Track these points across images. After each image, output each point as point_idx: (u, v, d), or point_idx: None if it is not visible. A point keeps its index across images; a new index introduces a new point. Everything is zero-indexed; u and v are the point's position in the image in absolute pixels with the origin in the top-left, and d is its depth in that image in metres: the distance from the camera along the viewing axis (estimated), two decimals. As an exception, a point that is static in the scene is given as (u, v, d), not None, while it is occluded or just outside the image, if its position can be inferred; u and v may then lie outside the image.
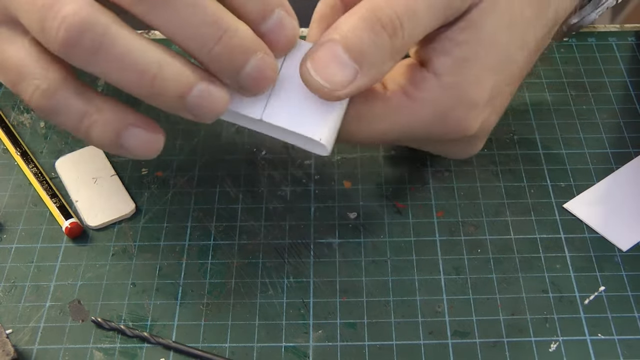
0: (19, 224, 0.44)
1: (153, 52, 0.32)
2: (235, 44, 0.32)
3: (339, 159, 0.48)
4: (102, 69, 0.32)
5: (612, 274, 0.42)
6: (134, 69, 0.32)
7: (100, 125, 0.34)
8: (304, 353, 0.39)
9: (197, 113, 0.33)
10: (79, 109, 0.34)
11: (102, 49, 0.31)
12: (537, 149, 0.48)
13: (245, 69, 0.33)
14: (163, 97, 0.33)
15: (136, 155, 0.35)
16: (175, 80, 0.32)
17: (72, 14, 0.31)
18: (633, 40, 0.55)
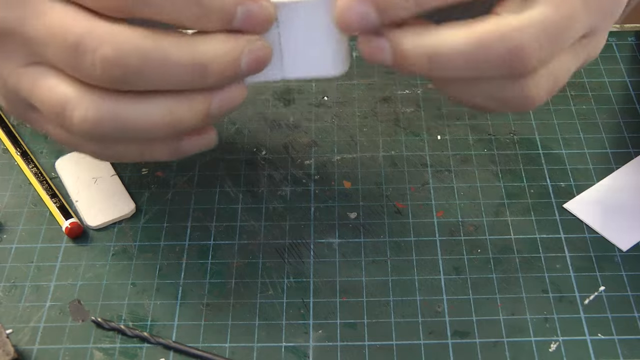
0: (19, 224, 0.44)
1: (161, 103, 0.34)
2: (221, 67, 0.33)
3: (339, 159, 0.48)
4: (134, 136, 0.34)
5: (612, 274, 0.42)
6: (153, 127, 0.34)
7: (158, 152, 0.36)
8: (304, 353, 0.39)
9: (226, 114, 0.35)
10: (135, 151, 0.36)
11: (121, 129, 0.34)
12: (537, 149, 0.48)
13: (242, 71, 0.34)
14: (190, 127, 0.35)
15: (200, 151, 0.37)
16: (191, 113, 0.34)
17: (84, 120, 0.33)
18: (633, 40, 0.55)
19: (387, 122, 0.50)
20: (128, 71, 0.33)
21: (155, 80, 0.33)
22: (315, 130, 0.49)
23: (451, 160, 0.47)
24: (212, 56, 0.33)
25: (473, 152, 0.48)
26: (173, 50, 0.33)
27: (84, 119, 0.34)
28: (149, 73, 0.33)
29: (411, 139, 0.49)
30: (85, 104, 0.33)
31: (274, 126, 0.50)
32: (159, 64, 0.33)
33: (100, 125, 0.34)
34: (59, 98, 0.34)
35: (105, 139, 0.35)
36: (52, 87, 0.34)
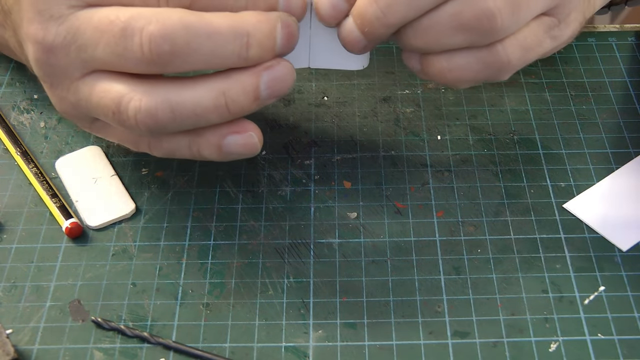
0: (19, 224, 0.44)
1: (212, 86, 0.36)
2: (261, 36, 0.35)
3: (339, 159, 0.48)
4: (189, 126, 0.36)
5: (612, 274, 0.42)
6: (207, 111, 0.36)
7: (205, 147, 0.38)
8: (304, 353, 0.39)
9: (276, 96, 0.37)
10: (184, 144, 0.38)
11: (176, 116, 0.35)
12: (537, 149, 0.48)
13: (278, 44, 0.36)
14: (243, 110, 0.37)
15: (244, 155, 0.38)
16: (242, 94, 0.36)
17: (138, 112, 0.35)
18: (633, 40, 0.55)
19: (387, 122, 0.50)
20: (176, 46, 0.34)
21: (202, 55, 0.34)
22: (315, 130, 0.49)
23: (451, 160, 0.47)
24: (252, 26, 0.35)
25: (473, 152, 0.48)
26: (215, 21, 0.34)
27: (138, 110, 0.35)
28: (195, 46, 0.34)
29: (411, 139, 0.49)
30: (138, 95, 0.35)
31: (274, 126, 0.50)
32: (204, 36, 0.34)
33: (156, 114, 0.35)
34: (113, 97, 0.36)
35: (163, 128, 0.36)
36: (106, 89, 0.36)
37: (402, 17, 0.37)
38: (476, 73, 0.39)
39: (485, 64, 0.39)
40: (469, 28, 0.37)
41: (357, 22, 0.37)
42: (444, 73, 0.39)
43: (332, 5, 0.38)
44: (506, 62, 0.38)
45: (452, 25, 0.37)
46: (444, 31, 0.37)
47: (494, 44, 0.38)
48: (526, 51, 0.39)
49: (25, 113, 0.51)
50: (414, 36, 0.38)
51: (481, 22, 0.36)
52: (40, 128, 0.50)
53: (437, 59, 0.39)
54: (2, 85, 0.52)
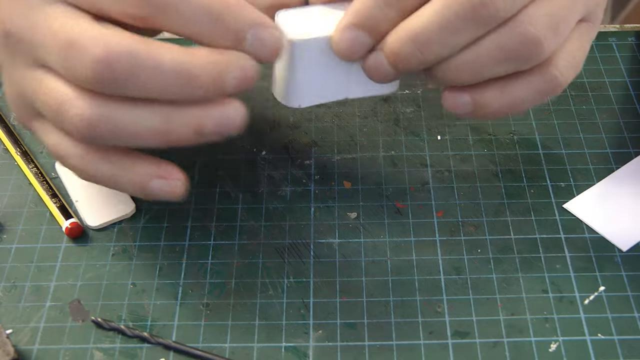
0: (19, 224, 0.44)
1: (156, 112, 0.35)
2: (206, 79, 0.34)
3: (339, 159, 0.48)
4: (124, 144, 0.36)
5: (612, 274, 0.42)
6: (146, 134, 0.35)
7: (128, 184, 0.37)
8: (304, 353, 0.39)
9: (221, 135, 0.36)
10: (109, 174, 0.37)
11: (114, 132, 0.35)
12: (537, 149, 0.48)
13: (228, 87, 0.35)
14: (182, 140, 0.36)
15: (166, 199, 0.37)
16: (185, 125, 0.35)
17: (79, 119, 0.34)
18: (633, 40, 0.55)
19: (387, 122, 0.50)
20: (116, 73, 0.33)
21: (144, 86, 0.34)
22: (315, 130, 0.49)
23: (451, 160, 0.47)
24: (200, 68, 0.34)
25: (473, 152, 0.48)
26: (163, 56, 0.34)
27: (80, 118, 0.34)
28: (138, 78, 0.33)
29: (411, 139, 0.49)
30: (82, 104, 0.34)
31: (274, 126, 0.50)
32: (149, 69, 0.33)
33: (96, 126, 0.34)
34: (57, 97, 0.35)
35: (99, 140, 0.35)
36: (53, 87, 0.35)
37: (440, 54, 0.36)
38: (536, 99, 0.38)
39: (543, 89, 0.38)
40: (515, 57, 0.36)
41: (389, 58, 0.37)
42: (503, 110, 0.38)
43: (351, 40, 0.37)
44: (562, 80, 0.38)
45: (496, 57, 0.36)
46: (489, 62, 0.36)
47: (547, 67, 0.38)
48: (575, 63, 0.39)
49: (25, 113, 0.51)
50: (455, 70, 0.37)
51: (528, 49, 0.36)
52: (40, 128, 0.50)
53: (494, 99, 0.38)
54: (2, 85, 0.52)
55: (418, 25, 0.36)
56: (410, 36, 0.36)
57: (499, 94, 0.38)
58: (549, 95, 0.39)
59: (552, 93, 0.39)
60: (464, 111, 0.39)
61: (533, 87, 0.38)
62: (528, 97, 0.38)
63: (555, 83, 0.38)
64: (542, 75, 0.38)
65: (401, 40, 0.36)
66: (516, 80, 0.38)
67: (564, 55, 0.38)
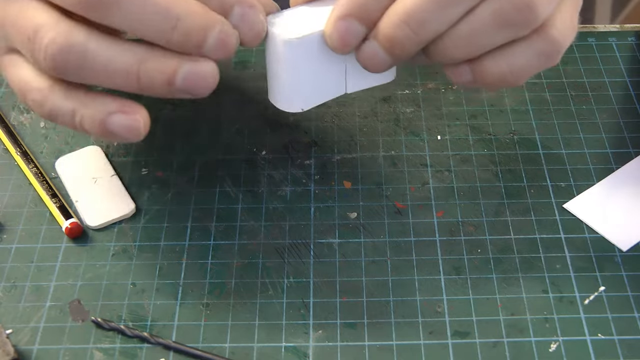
0: (19, 224, 0.44)
1: (132, 52, 0.35)
2: (190, 26, 0.34)
3: (339, 159, 0.48)
4: (92, 80, 0.35)
5: (612, 274, 0.42)
6: (118, 73, 0.35)
7: (88, 119, 0.36)
8: (304, 353, 0.39)
9: (190, 92, 0.36)
10: (68, 109, 0.36)
11: (86, 64, 0.35)
12: (537, 149, 0.48)
13: (207, 44, 0.35)
14: (153, 88, 0.35)
15: (125, 139, 0.37)
16: (157, 71, 0.35)
17: (51, 43, 0.34)
18: (633, 40, 0.55)
19: (387, 122, 0.50)
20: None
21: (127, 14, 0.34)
22: (315, 130, 0.49)
23: (451, 160, 0.47)
24: (187, 14, 0.34)
25: (473, 152, 0.48)
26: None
27: (52, 41, 0.34)
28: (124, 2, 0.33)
29: (411, 139, 0.49)
30: (58, 29, 0.35)
31: (274, 126, 0.50)
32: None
33: (68, 53, 0.34)
34: (35, 22, 0.35)
35: (67, 71, 0.35)
36: (32, 14, 0.36)
37: (435, 31, 0.36)
38: (536, 65, 0.38)
39: (543, 51, 0.37)
40: (512, 23, 0.36)
41: (384, 45, 0.36)
42: (505, 77, 0.38)
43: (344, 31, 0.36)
44: (561, 41, 0.37)
45: (494, 24, 0.36)
46: (485, 32, 0.36)
47: (545, 29, 0.37)
48: (572, 25, 0.38)
49: (25, 113, 0.51)
50: (453, 46, 0.36)
51: (522, 14, 0.35)
52: (40, 128, 0.50)
53: (494, 65, 0.37)
54: (2, 85, 0.52)
55: (409, 5, 0.35)
56: (403, 18, 0.35)
57: (497, 59, 0.37)
58: (549, 59, 0.38)
59: (552, 56, 0.38)
60: (466, 79, 0.38)
61: (532, 50, 0.37)
62: (529, 62, 0.37)
63: (555, 44, 0.37)
64: (541, 37, 0.37)
65: (394, 23, 0.36)
66: (514, 44, 0.37)
67: (560, 17, 0.37)
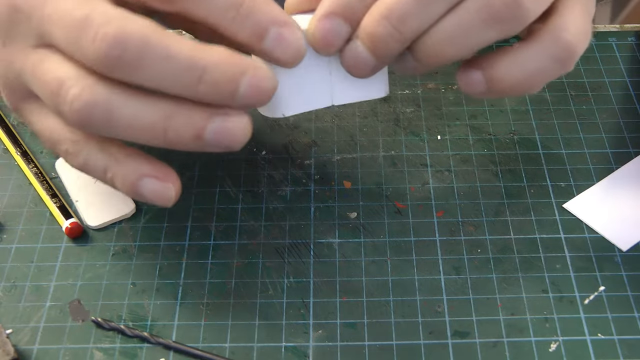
0: (19, 224, 0.44)
1: (158, 106, 0.34)
2: (218, 77, 0.33)
3: (339, 159, 0.48)
4: (118, 135, 0.34)
5: (612, 274, 0.42)
6: (144, 129, 0.34)
7: (120, 178, 0.36)
8: (304, 353, 0.39)
9: (221, 146, 0.34)
10: (102, 165, 0.36)
11: (111, 120, 0.33)
12: (537, 149, 0.48)
13: (239, 93, 0.33)
14: (180, 143, 0.34)
15: (153, 203, 0.36)
16: (185, 126, 0.34)
17: (76, 99, 0.33)
18: (633, 40, 0.55)
19: (387, 122, 0.50)
20: (126, 54, 0.32)
21: (151, 73, 0.33)
22: (315, 130, 0.49)
23: (451, 160, 0.47)
24: (213, 64, 0.33)
25: (473, 152, 0.48)
26: (175, 45, 0.33)
27: (77, 98, 0.33)
28: (146, 62, 0.32)
29: (411, 139, 0.49)
30: (82, 84, 0.33)
31: (274, 126, 0.50)
32: (159, 55, 0.32)
33: (92, 109, 0.33)
34: (58, 76, 0.34)
35: (93, 127, 0.34)
36: (55, 67, 0.35)
37: (418, 27, 0.35)
38: (551, 71, 0.37)
39: (557, 58, 0.37)
40: (500, 18, 0.34)
41: (366, 44, 0.35)
42: (519, 84, 0.37)
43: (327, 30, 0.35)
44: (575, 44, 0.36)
45: (481, 20, 0.35)
46: (472, 28, 0.35)
47: (558, 32, 0.36)
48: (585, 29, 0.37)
49: (25, 113, 0.51)
50: (440, 43, 0.35)
51: (510, 8, 0.34)
52: (40, 128, 0.50)
53: (506, 72, 0.36)
54: (2, 85, 0.52)
55: (390, 1, 0.34)
56: (384, 14, 0.34)
57: (511, 65, 0.36)
58: (563, 65, 0.37)
59: (566, 61, 0.37)
60: (480, 89, 0.37)
61: (546, 55, 0.36)
62: (542, 68, 0.37)
63: (569, 49, 0.36)
64: (554, 41, 0.36)
65: (375, 20, 0.35)
66: (527, 49, 0.36)
67: (574, 21, 0.36)
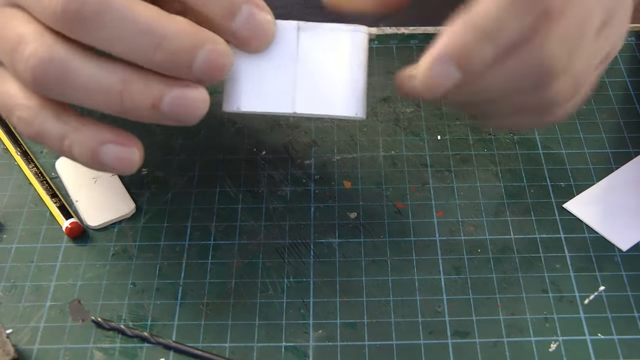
0: (19, 224, 0.44)
1: (116, 71, 0.33)
2: (176, 46, 0.32)
3: (339, 159, 0.48)
4: (72, 98, 0.33)
5: (612, 274, 0.42)
6: (99, 92, 0.33)
7: (78, 145, 0.34)
8: (304, 353, 0.39)
9: (177, 119, 0.33)
10: (58, 132, 0.34)
11: (67, 80, 0.33)
12: (537, 149, 0.48)
13: (196, 64, 0.32)
14: (136, 111, 0.33)
15: (115, 170, 0.35)
16: (142, 93, 0.33)
17: (33, 55, 0.32)
18: (633, 40, 0.55)
19: (387, 122, 0.50)
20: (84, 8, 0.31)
21: (110, 33, 0.32)
22: (315, 130, 0.49)
23: (451, 160, 0.47)
24: (173, 32, 0.32)
25: (473, 152, 0.48)
26: (137, 8, 0.32)
27: (33, 54, 0.32)
28: (105, 17, 0.31)
29: (411, 139, 0.49)
30: (41, 41, 0.33)
31: (274, 126, 0.50)
32: (118, 14, 0.31)
33: (48, 67, 0.32)
34: (19, 33, 0.34)
35: (47, 86, 0.33)
36: (17, 24, 0.34)
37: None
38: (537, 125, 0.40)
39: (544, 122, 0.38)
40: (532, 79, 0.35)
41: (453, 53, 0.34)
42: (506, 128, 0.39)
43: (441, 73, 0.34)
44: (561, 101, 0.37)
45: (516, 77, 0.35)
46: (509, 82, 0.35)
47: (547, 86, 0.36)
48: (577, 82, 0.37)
49: (25, 113, 0.51)
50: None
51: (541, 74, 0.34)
52: (40, 128, 0.50)
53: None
54: (2, 85, 0.52)
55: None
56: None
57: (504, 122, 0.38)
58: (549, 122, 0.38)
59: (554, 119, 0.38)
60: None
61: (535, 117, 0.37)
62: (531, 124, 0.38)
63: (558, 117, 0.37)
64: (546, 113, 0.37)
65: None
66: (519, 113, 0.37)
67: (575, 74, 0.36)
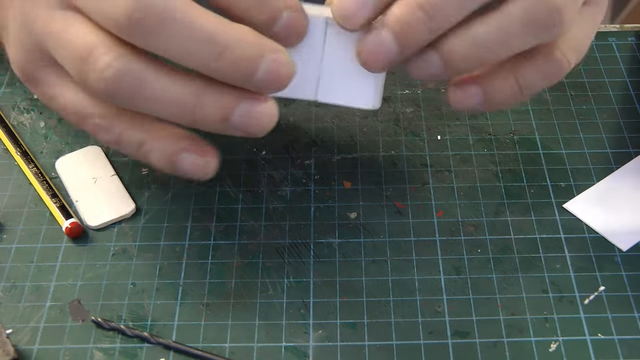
0: (19, 224, 0.44)
1: (189, 84, 0.33)
2: (238, 56, 0.32)
3: (339, 159, 0.48)
4: (146, 109, 0.33)
5: (612, 274, 0.42)
6: (173, 104, 0.33)
7: (156, 152, 0.35)
8: (304, 353, 0.39)
9: (246, 131, 0.34)
10: (137, 139, 0.35)
11: (140, 92, 0.33)
12: (537, 149, 0.48)
13: (257, 75, 0.33)
14: (207, 123, 0.34)
15: (191, 176, 0.36)
16: (214, 107, 0.33)
17: (108, 67, 0.32)
18: (633, 40, 0.55)
19: (387, 122, 0.50)
20: (148, 17, 0.31)
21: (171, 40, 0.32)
22: (315, 130, 0.49)
23: (451, 160, 0.47)
24: (235, 40, 0.32)
25: (473, 152, 0.48)
26: (199, 16, 0.32)
27: (108, 65, 0.32)
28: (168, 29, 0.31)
29: (411, 139, 0.49)
30: (114, 53, 0.32)
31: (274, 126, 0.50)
32: (181, 25, 0.32)
33: (122, 79, 0.32)
34: (88, 42, 0.33)
35: (120, 98, 0.33)
36: (83, 32, 0.33)
37: (451, 19, 0.33)
38: (540, 85, 0.36)
39: (548, 73, 0.36)
40: (541, 24, 0.34)
41: (393, 29, 0.33)
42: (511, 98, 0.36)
43: (359, 3, 0.34)
44: (565, 64, 0.36)
45: (521, 25, 0.34)
46: (514, 32, 0.34)
47: (551, 50, 0.36)
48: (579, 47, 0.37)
49: (25, 113, 0.51)
50: (476, 45, 0.34)
51: (552, 16, 0.33)
52: (40, 128, 0.50)
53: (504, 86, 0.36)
54: (2, 85, 0.52)
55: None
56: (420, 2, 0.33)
57: (508, 81, 0.36)
58: (552, 81, 0.37)
59: (555, 78, 0.36)
60: (473, 103, 0.37)
61: (539, 71, 0.36)
62: (534, 83, 0.36)
63: (560, 66, 0.36)
64: (547, 58, 0.36)
65: (407, 4, 0.33)
66: (523, 64, 0.36)
67: (566, 39, 0.36)
